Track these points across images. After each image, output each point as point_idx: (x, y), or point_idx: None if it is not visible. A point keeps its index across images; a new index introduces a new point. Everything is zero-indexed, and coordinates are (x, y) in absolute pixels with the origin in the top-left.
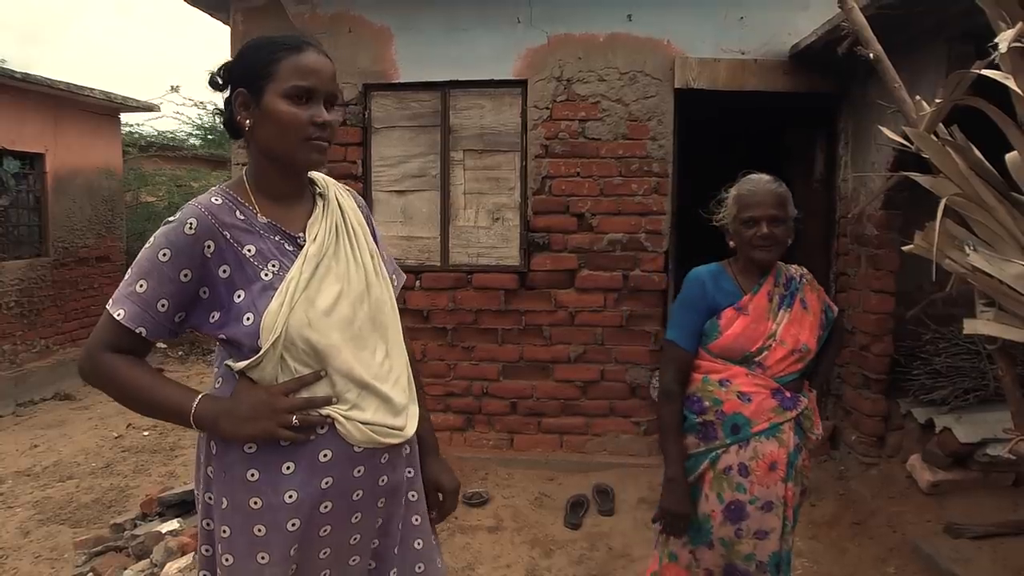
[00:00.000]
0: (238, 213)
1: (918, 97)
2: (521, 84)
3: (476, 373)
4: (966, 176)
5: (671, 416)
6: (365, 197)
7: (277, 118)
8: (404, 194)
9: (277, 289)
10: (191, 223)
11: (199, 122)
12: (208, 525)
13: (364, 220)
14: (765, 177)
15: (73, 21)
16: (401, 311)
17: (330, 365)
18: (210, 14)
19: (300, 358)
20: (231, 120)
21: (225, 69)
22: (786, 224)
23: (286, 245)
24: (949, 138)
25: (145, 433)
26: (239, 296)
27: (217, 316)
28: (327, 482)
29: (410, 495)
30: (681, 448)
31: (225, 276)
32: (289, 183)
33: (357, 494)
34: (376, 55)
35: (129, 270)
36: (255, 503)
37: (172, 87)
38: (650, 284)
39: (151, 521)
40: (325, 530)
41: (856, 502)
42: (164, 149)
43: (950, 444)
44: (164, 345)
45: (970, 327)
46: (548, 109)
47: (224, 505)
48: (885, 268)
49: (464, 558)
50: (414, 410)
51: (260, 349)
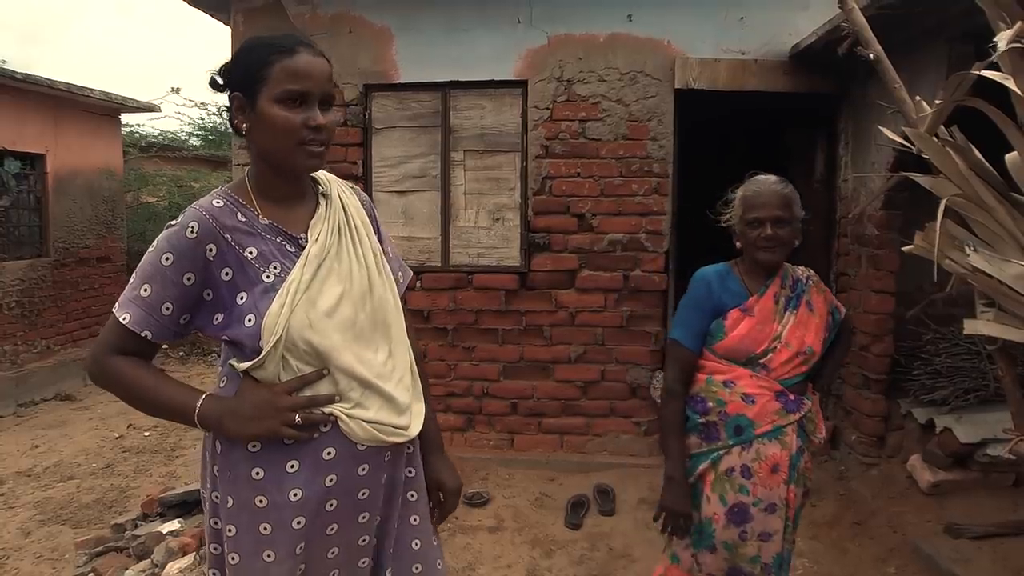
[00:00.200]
0: (239, 215)
1: (918, 97)
2: (521, 84)
3: (476, 373)
4: (966, 176)
5: (673, 415)
6: None
7: (271, 123)
8: (405, 194)
9: (278, 291)
10: (192, 227)
11: (200, 123)
12: (216, 524)
13: (368, 218)
14: (772, 178)
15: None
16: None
17: (332, 364)
18: (211, 15)
19: (302, 358)
20: (232, 121)
21: (223, 72)
22: (792, 225)
23: (288, 246)
24: (949, 138)
25: (146, 434)
26: (241, 298)
27: (220, 318)
28: (331, 480)
29: (409, 495)
30: (682, 447)
31: (227, 278)
32: (289, 185)
33: (363, 493)
34: (376, 55)
35: (134, 274)
36: (260, 501)
37: (172, 88)
38: (650, 284)
39: (152, 521)
40: (332, 528)
41: (856, 502)
42: (164, 150)
43: (950, 444)
44: (165, 345)
45: (970, 327)
46: (548, 109)
47: (230, 504)
48: (885, 268)
49: (465, 558)
50: (418, 409)
51: (262, 350)
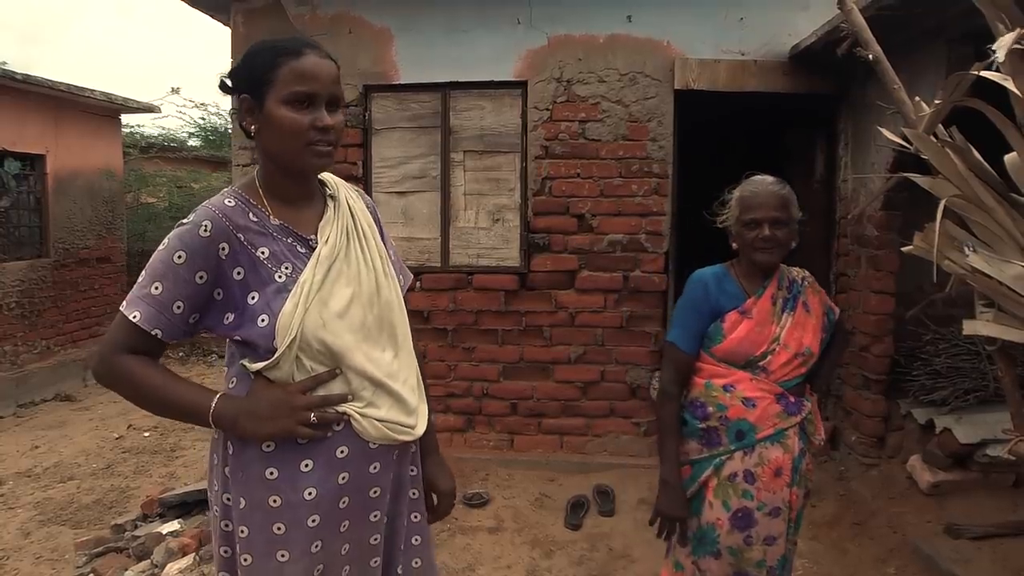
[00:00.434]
0: (251, 215)
1: (917, 98)
2: (521, 85)
3: (476, 374)
4: (965, 177)
5: (669, 417)
6: None
7: (279, 124)
8: (404, 195)
9: (291, 291)
10: (206, 225)
11: (200, 123)
12: (227, 526)
13: (373, 221)
14: (768, 179)
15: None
16: None
17: (345, 364)
18: (211, 15)
19: (316, 358)
20: (241, 123)
21: (231, 74)
22: (788, 226)
23: (298, 247)
24: (948, 139)
25: (146, 434)
26: (253, 298)
27: (231, 317)
28: (344, 478)
29: (411, 492)
30: (678, 450)
31: (239, 278)
32: (297, 186)
33: (374, 491)
34: (376, 56)
35: (143, 273)
36: (274, 501)
37: (172, 89)
38: (650, 285)
39: (152, 522)
40: (344, 526)
41: (856, 503)
42: (165, 150)
43: (950, 445)
44: None
45: (970, 328)
46: (548, 110)
47: (242, 505)
48: (885, 269)
49: (465, 559)
50: (424, 409)
51: (275, 350)
